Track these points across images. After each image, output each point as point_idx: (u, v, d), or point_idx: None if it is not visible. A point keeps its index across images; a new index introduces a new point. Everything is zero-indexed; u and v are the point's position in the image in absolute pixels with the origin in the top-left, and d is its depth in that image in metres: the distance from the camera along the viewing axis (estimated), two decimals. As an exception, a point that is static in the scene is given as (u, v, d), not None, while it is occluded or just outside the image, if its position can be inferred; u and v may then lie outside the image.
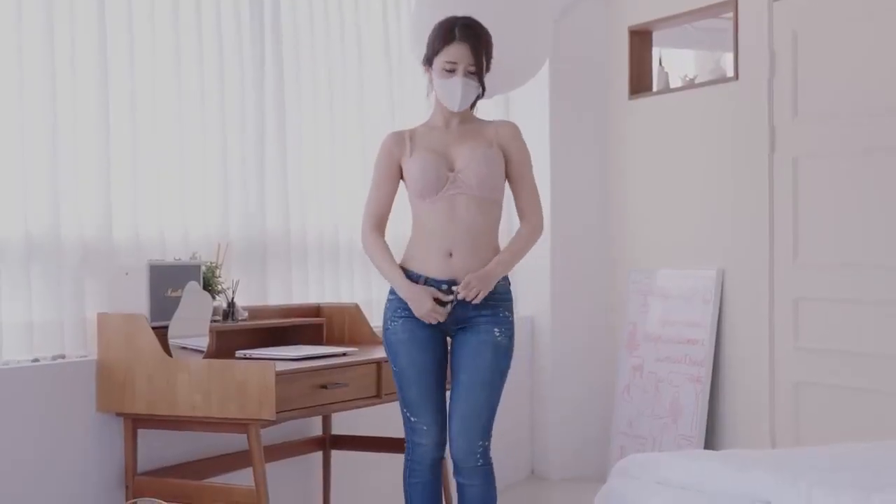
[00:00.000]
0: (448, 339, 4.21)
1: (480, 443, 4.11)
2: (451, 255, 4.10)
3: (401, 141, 4.23)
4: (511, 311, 4.19)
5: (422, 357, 4.14)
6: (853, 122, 5.56)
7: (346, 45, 5.77)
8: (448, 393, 4.20)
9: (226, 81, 5.13)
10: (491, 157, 4.14)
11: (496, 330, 4.12)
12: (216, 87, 5.09)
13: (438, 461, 4.20)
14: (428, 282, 4.10)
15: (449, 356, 4.23)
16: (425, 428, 4.14)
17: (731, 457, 3.96)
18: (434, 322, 4.10)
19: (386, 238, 4.27)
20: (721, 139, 6.29)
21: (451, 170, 4.12)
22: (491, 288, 4.10)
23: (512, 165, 4.23)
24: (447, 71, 4.11)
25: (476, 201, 4.11)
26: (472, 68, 4.11)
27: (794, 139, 5.84)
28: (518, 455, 6.80)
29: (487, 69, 4.20)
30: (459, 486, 4.16)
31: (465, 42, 4.09)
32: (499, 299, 4.15)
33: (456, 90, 4.11)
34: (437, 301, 4.08)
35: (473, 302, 4.07)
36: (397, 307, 4.15)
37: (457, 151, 4.15)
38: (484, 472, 4.13)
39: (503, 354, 4.14)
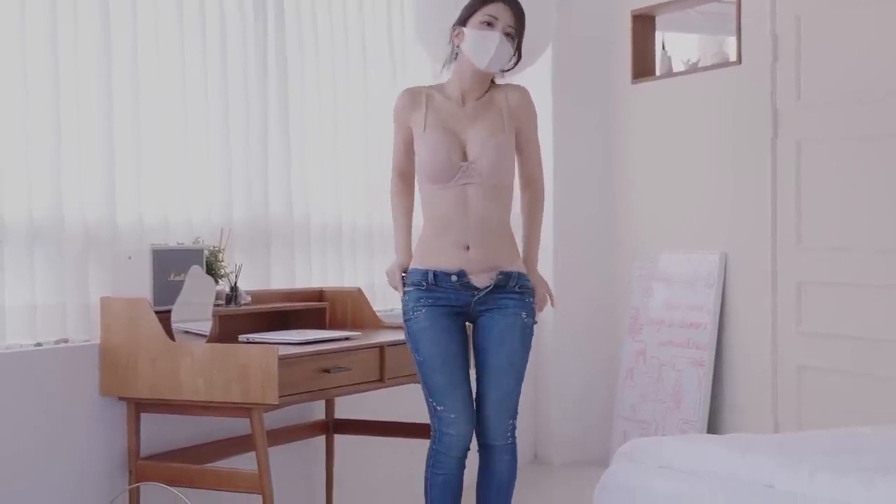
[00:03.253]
0: (468, 324, 4.20)
1: (511, 422, 4.16)
2: (467, 248, 4.06)
3: (415, 102, 4.16)
4: (533, 299, 4.18)
5: (445, 343, 4.08)
6: (856, 105, 5.55)
7: (349, 31, 5.76)
8: (473, 375, 4.18)
9: (229, 66, 5.13)
10: (503, 143, 4.09)
11: (523, 313, 4.12)
12: (220, 72, 5.08)
13: (465, 452, 4.13)
14: (437, 275, 4.06)
15: (470, 340, 4.21)
16: (454, 416, 4.06)
17: (734, 441, 3.97)
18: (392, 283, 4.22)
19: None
20: (724, 123, 6.29)
21: (464, 159, 4.06)
22: (546, 283, 4.28)
23: (522, 132, 4.20)
24: (486, 24, 4.03)
25: (487, 190, 4.06)
26: (511, 30, 4.05)
27: (797, 123, 5.83)
28: (521, 439, 6.72)
29: (521, 39, 4.14)
30: (489, 461, 4.16)
31: (508, 4, 4.05)
32: (523, 289, 4.14)
33: (491, 45, 4.02)
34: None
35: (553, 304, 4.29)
36: (419, 297, 4.08)
37: (469, 134, 4.07)
38: (512, 449, 4.19)
39: (528, 336, 4.15)
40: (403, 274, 4.16)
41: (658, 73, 6.87)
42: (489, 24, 4.03)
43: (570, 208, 6.88)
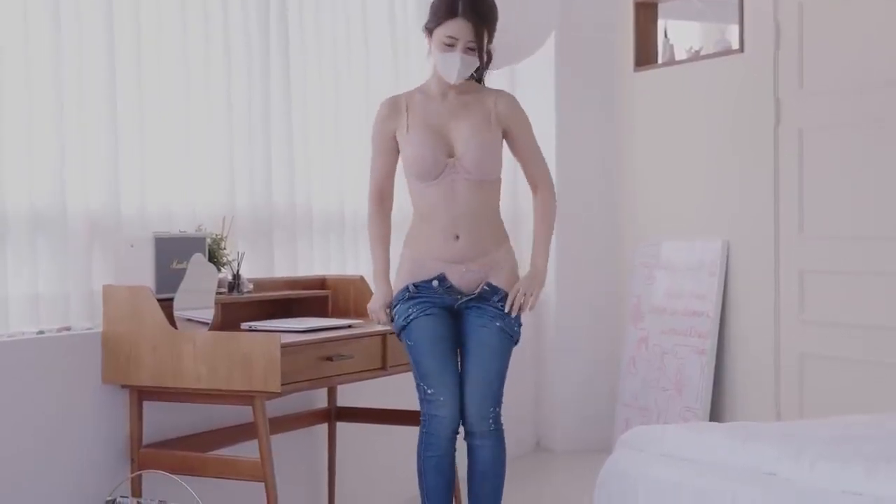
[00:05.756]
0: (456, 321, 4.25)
1: (492, 409, 4.15)
2: (457, 237, 4.14)
3: (396, 110, 4.23)
4: (513, 319, 4.22)
5: (433, 325, 4.14)
6: (859, 93, 5.55)
7: (350, 18, 5.75)
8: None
9: (231, 55, 5.12)
10: (488, 141, 4.15)
11: (498, 322, 4.16)
12: (222, 60, 5.07)
13: (454, 434, 4.18)
14: (418, 285, 4.14)
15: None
16: (442, 399, 4.12)
17: (736, 429, 3.97)
18: (375, 320, 4.30)
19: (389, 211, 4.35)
20: (726, 111, 6.28)
21: (450, 155, 4.12)
22: (542, 284, 4.24)
23: (515, 138, 4.25)
24: (447, 45, 4.09)
25: (475, 184, 4.13)
26: (472, 45, 4.09)
27: (800, 111, 5.83)
28: (523, 427, 6.81)
29: (490, 41, 4.18)
30: (471, 448, 4.19)
31: (467, 19, 4.06)
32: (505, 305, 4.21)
33: (454, 65, 4.10)
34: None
35: (530, 309, 4.20)
36: (407, 308, 4.16)
37: (455, 131, 4.15)
38: (496, 435, 4.18)
39: (509, 329, 4.17)
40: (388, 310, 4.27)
41: (660, 60, 6.86)
42: (450, 45, 4.09)
43: (572, 196, 6.88)
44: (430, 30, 4.16)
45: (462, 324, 4.20)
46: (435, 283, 4.15)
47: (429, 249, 4.17)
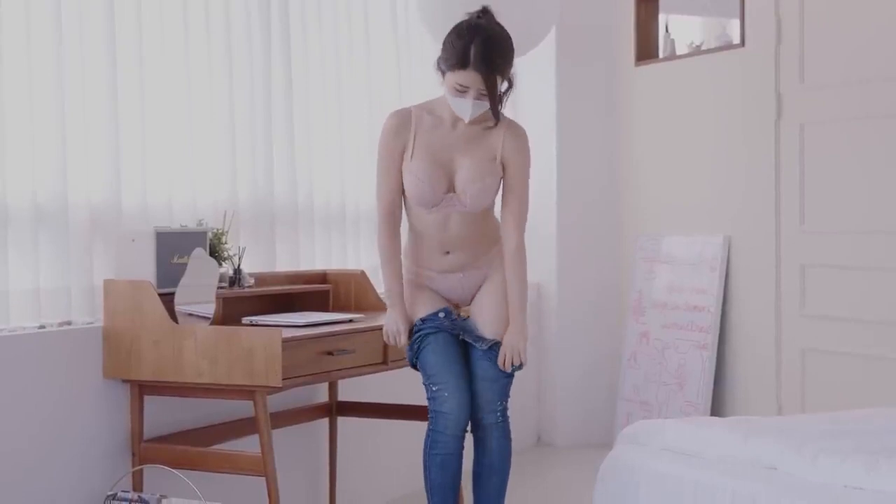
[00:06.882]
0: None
1: (500, 402, 4.18)
2: (448, 253, 4.22)
3: (405, 124, 4.16)
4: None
5: (440, 326, 4.18)
6: (860, 88, 5.55)
7: (353, 14, 5.75)
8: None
9: (234, 49, 5.12)
10: (489, 185, 4.13)
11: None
12: (224, 54, 5.07)
13: (462, 434, 4.16)
14: (425, 319, 4.18)
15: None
16: (447, 394, 4.10)
17: (738, 423, 3.98)
18: (393, 341, 4.25)
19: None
20: (727, 106, 6.28)
21: (449, 190, 4.10)
22: (526, 338, 4.20)
23: (508, 175, 4.19)
24: (458, 91, 4.02)
25: (469, 216, 4.16)
26: (484, 92, 4.01)
27: (801, 105, 5.82)
28: (524, 422, 6.81)
29: (505, 78, 4.09)
30: (478, 440, 4.21)
31: (478, 71, 3.96)
32: None
33: (466, 109, 4.04)
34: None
35: (523, 363, 4.19)
36: (420, 335, 4.19)
37: (458, 168, 4.12)
38: (503, 428, 4.20)
39: None
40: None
41: (661, 55, 6.86)
42: (462, 92, 4.02)
43: (574, 191, 6.88)
44: (442, 70, 4.08)
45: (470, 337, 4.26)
46: (441, 314, 4.20)
47: (418, 260, 4.26)
